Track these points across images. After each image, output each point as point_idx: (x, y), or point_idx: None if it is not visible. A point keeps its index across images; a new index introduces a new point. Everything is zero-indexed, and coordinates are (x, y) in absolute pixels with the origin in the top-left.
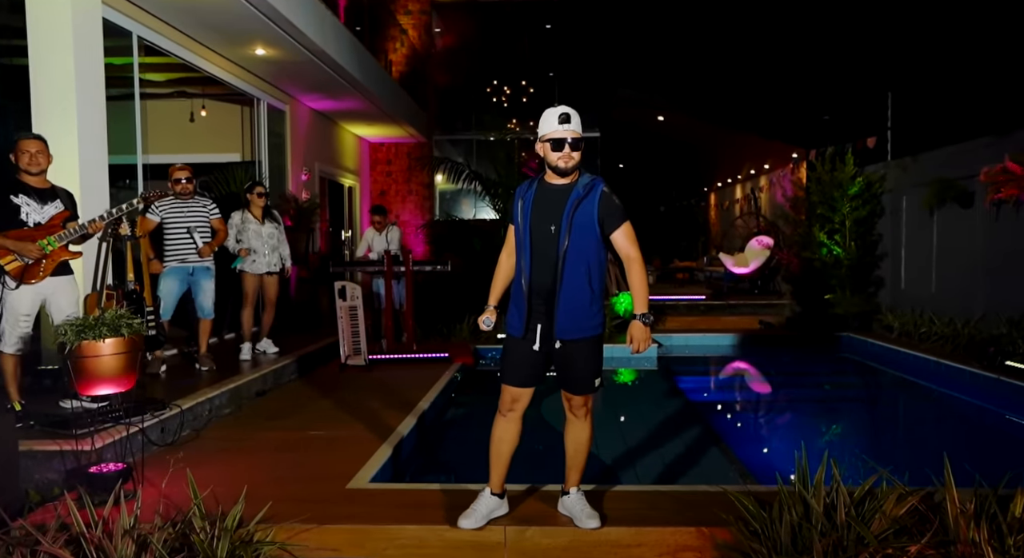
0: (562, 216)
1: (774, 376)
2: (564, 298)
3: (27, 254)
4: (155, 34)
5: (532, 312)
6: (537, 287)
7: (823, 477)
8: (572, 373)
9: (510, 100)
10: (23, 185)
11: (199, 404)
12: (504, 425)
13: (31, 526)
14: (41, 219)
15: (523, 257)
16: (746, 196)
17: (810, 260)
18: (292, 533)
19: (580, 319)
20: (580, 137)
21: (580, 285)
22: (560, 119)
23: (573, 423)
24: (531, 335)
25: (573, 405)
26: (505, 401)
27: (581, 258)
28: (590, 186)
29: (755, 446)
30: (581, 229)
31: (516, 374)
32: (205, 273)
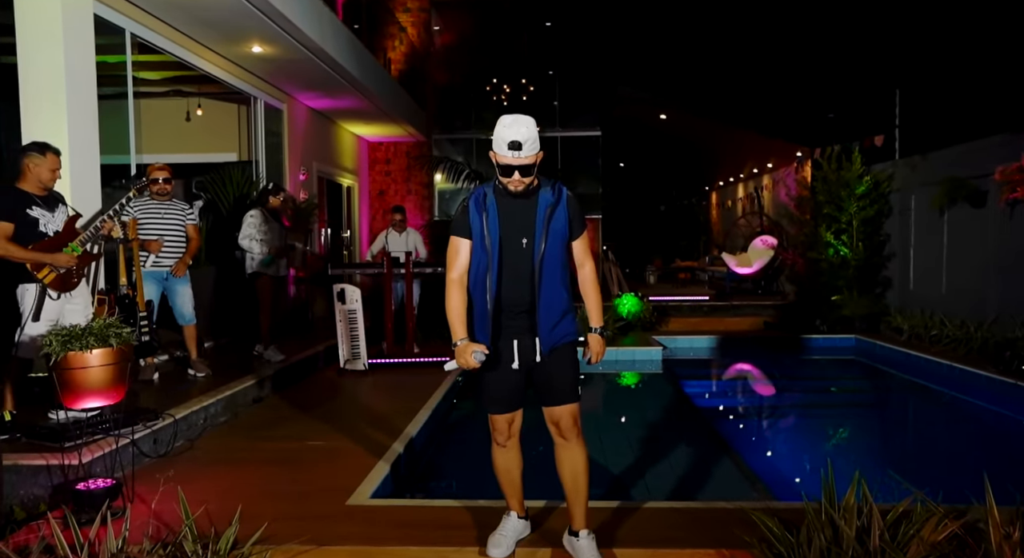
0: (535, 224)
1: (781, 380)
2: (544, 309)
3: (61, 264)
4: (149, 31)
5: (502, 331)
6: (508, 303)
7: (853, 498)
8: (556, 383)
9: (510, 98)
10: (31, 197)
11: (193, 413)
12: (505, 455)
13: (12, 549)
14: (57, 227)
15: (488, 274)
16: (749, 195)
17: (816, 260)
18: (290, 555)
19: (561, 326)
20: (533, 162)
21: (558, 292)
22: (510, 146)
23: (565, 448)
24: (506, 354)
25: (563, 426)
26: (500, 430)
27: (555, 264)
28: (558, 190)
29: (766, 455)
30: (555, 235)
31: (500, 401)
32: (180, 278)
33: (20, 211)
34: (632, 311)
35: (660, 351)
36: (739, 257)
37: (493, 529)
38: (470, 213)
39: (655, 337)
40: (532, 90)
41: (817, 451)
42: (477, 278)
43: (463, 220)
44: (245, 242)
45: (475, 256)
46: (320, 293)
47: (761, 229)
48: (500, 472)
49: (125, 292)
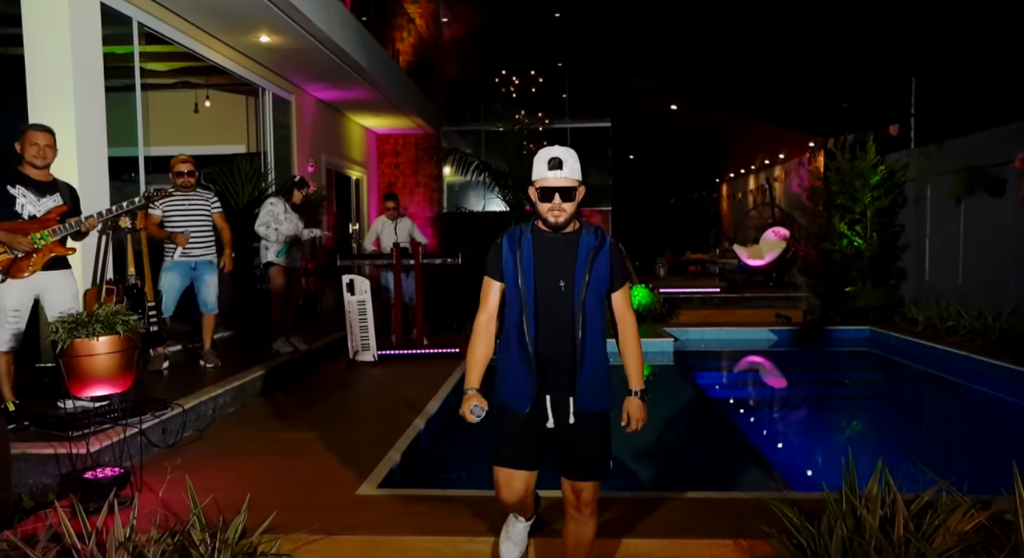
0: (575, 269)
1: (794, 372)
2: (587, 364)
3: (17, 247)
4: (156, 20)
5: (545, 382)
6: (548, 354)
7: (876, 487)
8: (586, 454)
9: (519, 90)
10: (23, 176)
11: (202, 403)
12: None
13: (20, 537)
14: (37, 212)
15: (525, 319)
16: (760, 186)
17: (829, 251)
18: (299, 544)
19: (600, 388)
20: (575, 185)
21: (598, 348)
22: (550, 164)
23: (578, 521)
24: (541, 409)
25: (582, 500)
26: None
27: (596, 316)
28: (601, 235)
29: (781, 446)
30: (598, 282)
31: (517, 454)
32: (208, 267)
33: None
34: (643, 303)
35: (671, 343)
36: (751, 249)
37: (505, 518)
38: (503, 251)
39: (666, 329)
40: (541, 82)
41: (833, 442)
42: (510, 323)
43: (495, 259)
44: (261, 229)
45: (508, 299)
46: (329, 285)
47: (773, 221)
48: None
49: (133, 282)
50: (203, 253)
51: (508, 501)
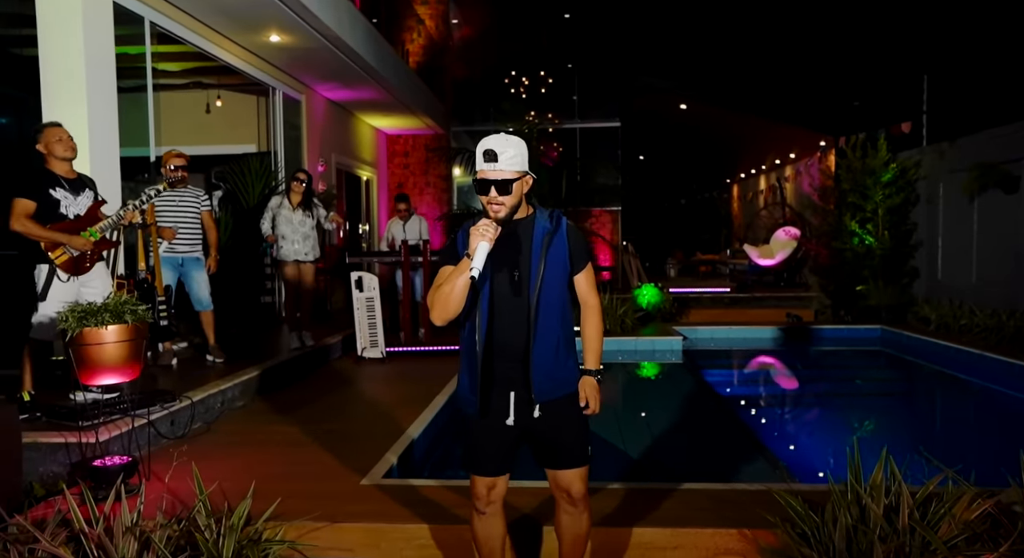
0: (531, 256)
1: (804, 370)
2: (539, 353)
3: (77, 247)
4: (168, 20)
5: (495, 380)
6: (501, 347)
7: (881, 475)
8: (561, 442)
9: (529, 91)
10: (56, 177)
11: (211, 396)
12: (486, 522)
13: (30, 523)
14: (79, 210)
15: (477, 311)
16: (771, 186)
17: (840, 250)
18: (303, 531)
19: (559, 372)
20: (513, 177)
21: (554, 334)
22: (485, 156)
23: (570, 514)
24: (499, 407)
25: (574, 494)
26: (480, 495)
27: (554, 302)
28: (556, 218)
29: (790, 442)
30: (555, 265)
31: (486, 461)
32: (195, 263)
33: (43, 190)
34: (652, 302)
35: (680, 341)
36: (761, 249)
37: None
38: (459, 242)
39: (675, 328)
40: (551, 82)
41: (842, 439)
42: (465, 316)
43: (452, 249)
44: (263, 225)
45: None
46: (339, 284)
47: (784, 220)
48: (479, 542)
49: (144, 276)
50: (190, 250)
51: (482, 501)
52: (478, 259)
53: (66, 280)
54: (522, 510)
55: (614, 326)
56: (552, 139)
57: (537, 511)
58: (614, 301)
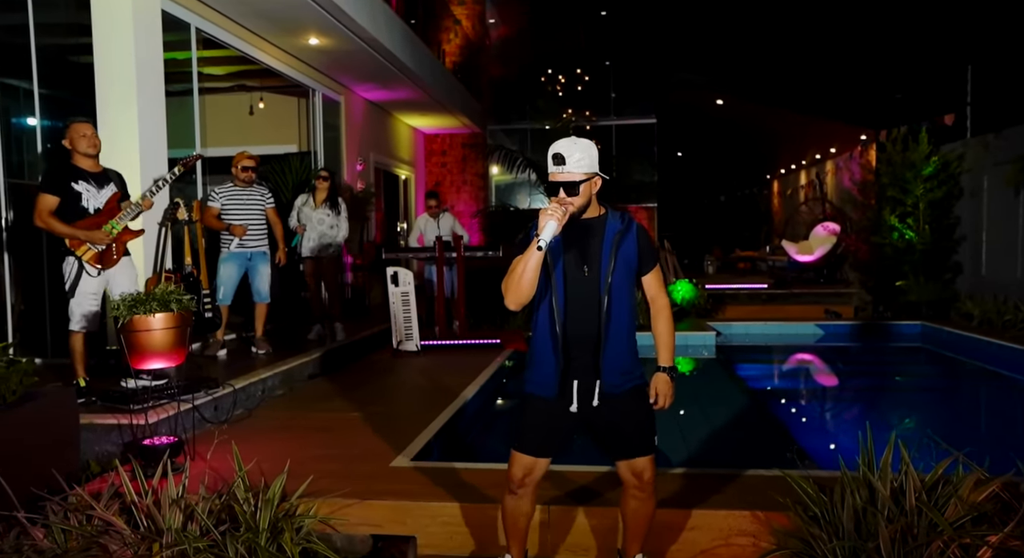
0: (601, 253)
1: (840, 366)
2: (610, 346)
3: (98, 242)
4: (212, 26)
5: (569, 367)
6: (575, 337)
7: (890, 459)
8: (628, 432)
9: (565, 88)
10: (81, 171)
11: (252, 384)
12: (516, 503)
13: (87, 494)
14: (99, 204)
15: (554, 302)
16: (811, 182)
17: (880, 246)
18: (335, 507)
19: (627, 367)
20: (580, 179)
21: (624, 329)
22: (554, 160)
23: (638, 499)
24: (567, 394)
25: (644, 480)
26: (515, 475)
27: (624, 299)
28: (627, 219)
29: (821, 436)
30: (625, 265)
31: (538, 441)
32: (262, 258)
33: (65, 185)
34: (686, 297)
35: (713, 336)
36: (800, 245)
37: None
38: (531, 232)
39: (710, 323)
40: (587, 80)
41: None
42: (540, 309)
43: (524, 240)
44: (291, 222)
45: (538, 285)
46: (377, 280)
47: (823, 216)
48: (507, 517)
49: (190, 271)
50: (258, 244)
51: (515, 483)
52: (546, 233)
53: (96, 274)
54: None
55: (646, 321)
56: (589, 136)
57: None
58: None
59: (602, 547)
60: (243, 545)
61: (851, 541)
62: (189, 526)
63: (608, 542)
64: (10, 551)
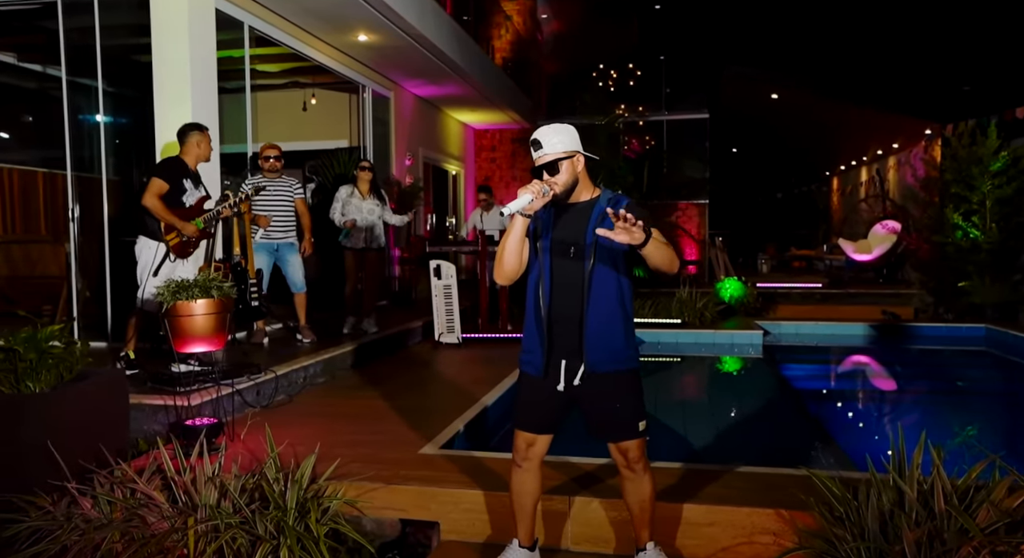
0: (586, 232)
1: (896, 368)
2: (592, 324)
3: (187, 233)
4: (264, 23)
5: (554, 346)
6: (559, 316)
7: (919, 461)
8: (608, 415)
9: (617, 83)
10: (188, 168)
11: (294, 371)
12: (522, 477)
13: (133, 469)
14: (192, 201)
15: (541, 282)
16: (871, 178)
17: (942, 245)
18: (361, 491)
19: (613, 349)
20: (558, 157)
21: (611, 309)
22: (532, 146)
23: (631, 480)
24: (553, 373)
25: (630, 458)
26: (519, 449)
27: (609, 278)
28: (616, 199)
29: (863, 439)
30: (608, 248)
31: (532, 418)
32: (290, 248)
33: (178, 178)
34: (735, 296)
35: (760, 335)
36: (858, 244)
37: (552, 479)
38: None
39: (758, 322)
40: (640, 74)
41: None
42: (530, 287)
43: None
44: (333, 215)
45: (529, 263)
46: (424, 273)
47: (883, 214)
48: (513, 494)
49: (238, 261)
50: (284, 235)
51: (520, 454)
52: (514, 203)
53: (173, 261)
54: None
55: (692, 318)
56: (642, 132)
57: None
58: (694, 294)
59: (621, 539)
60: (271, 523)
61: (876, 543)
62: (222, 503)
63: (628, 534)
64: (62, 518)
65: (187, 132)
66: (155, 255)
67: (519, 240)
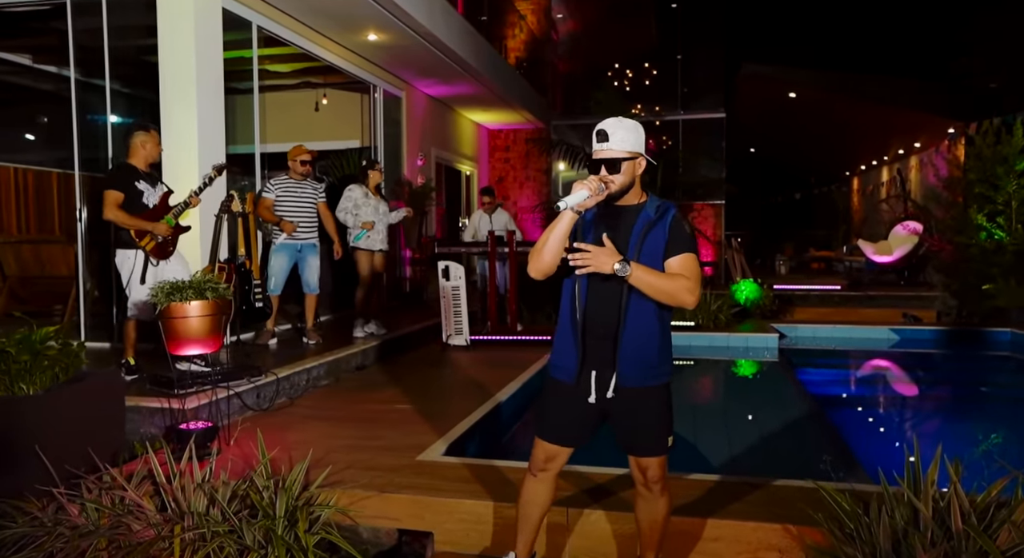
0: (629, 241)
1: (917, 373)
2: (628, 338)
3: (160, 233)
4: (273, 23)
5: (587, 355)
6: (594, 325)
7: (935, 476)
8: (639, 430)
9: (632, 82)
10: (138, 171)
11: (296, 374)
12: (535, 487)
13: (124, 475)
14: (155, 201)
15: (576, 288)
16: (892, 178)
17: (965, 246)
18: (354, 499)
19: (648, 363)
20: (622, 157)
21: (648, 323)
22: (597, 137)
23: (648, 499)
24: (585, 382)
25: (649, 477)
26: (537, 459)
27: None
28: (663, 209)
29: (880, 449)
30: (650, 257)
31: (558, 429)
32: (312, 249)
33: (130, 183)
34: (750, 298)
35: (776, 338)
36: (878, 245)
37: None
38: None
39: (774, 325)
40: (655, 74)
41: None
42: (565, 291)
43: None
44: (341, 216)
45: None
46: (435, 274)
47: (904, 215)
48: (521, 502)
49: (242, 261)
50: (308, 237)
51: (537, 466)
52: (572, 197)
53: (156, 265)
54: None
55: (707, 321)
56: (659, 132)
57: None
58: (708, 297)
59: (623, 554)
60: (260, 532)
61: None
62: (212, 510)
63: (630, 549)
64: (50, 524)
65: (131, 134)
66: (134, 264)
67: (563, 236)
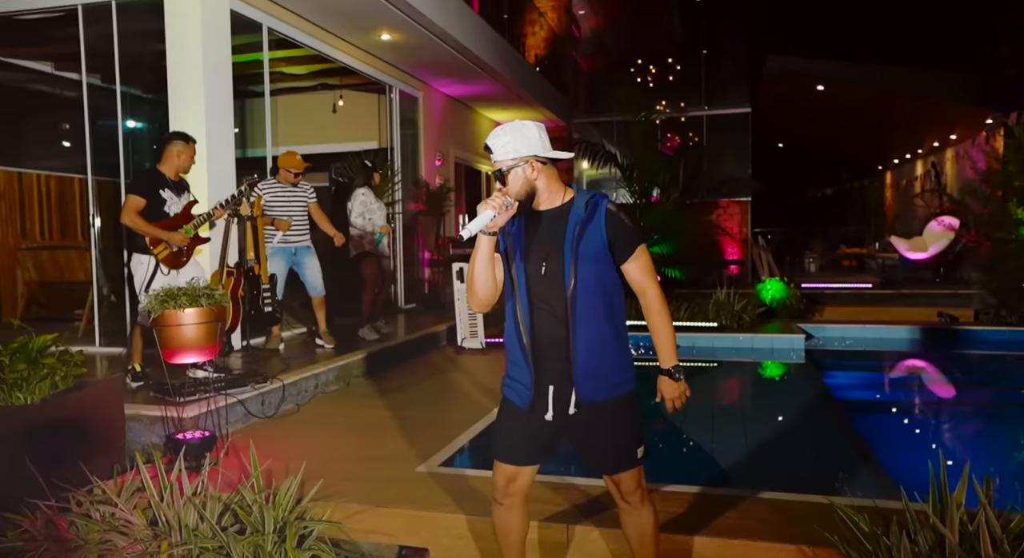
0: (563, 247)
1: (952, 376)
2: (581, 351)
3: (176, 243)
4: (283, 24)
5: (540, 373)
6: (543, 342)
7: (963, 496)
8: (601, 446)
9: (656, 78)
10: (166, 179)
11: (303, 379)
12: (504, 516)
13: (119, 488)
14: (177, 210)
15: (518, 306)
16: (927, 172)
17: (1004, 242)
18: (348, 513)
19: (606, 373)
20: (505, 167)
21: (599, 330)
22: (487, 151)
23: (628, 512)
24: (541, 401)
25: (624, 490)
26: (499, 485)
27: (595, 296)
28: (593, 204)
29: (907, 460)
30: (590, 260)
31: (514, 449)
32: (307, 252)
33: (154, 190)
34: (776, 297)
35: (802, 339)
36: (912, 242)
37: (552, 504)
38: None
39: (801, 325)
40: (679, 69)
41: (979, 460)
42: (508, 312)
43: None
44: (359, 221)
45: (505, 281)
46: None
47: (940, 210)
48: (497, 532)
49: (252, 266)
50: (301, 239)
51: (500, 492)
52: (473, 223)
53: (167, 274)
54: (549, 507)
55: (730, 322)
56: (684, 129)
57: (566, 511)
58: (731, 297)
59: None
60: (248, 548)
61: None
62: (201, 525)
63: None
64: (40, 538)
65: (169, 141)
66: (148, 270)
67: (487, 261)
